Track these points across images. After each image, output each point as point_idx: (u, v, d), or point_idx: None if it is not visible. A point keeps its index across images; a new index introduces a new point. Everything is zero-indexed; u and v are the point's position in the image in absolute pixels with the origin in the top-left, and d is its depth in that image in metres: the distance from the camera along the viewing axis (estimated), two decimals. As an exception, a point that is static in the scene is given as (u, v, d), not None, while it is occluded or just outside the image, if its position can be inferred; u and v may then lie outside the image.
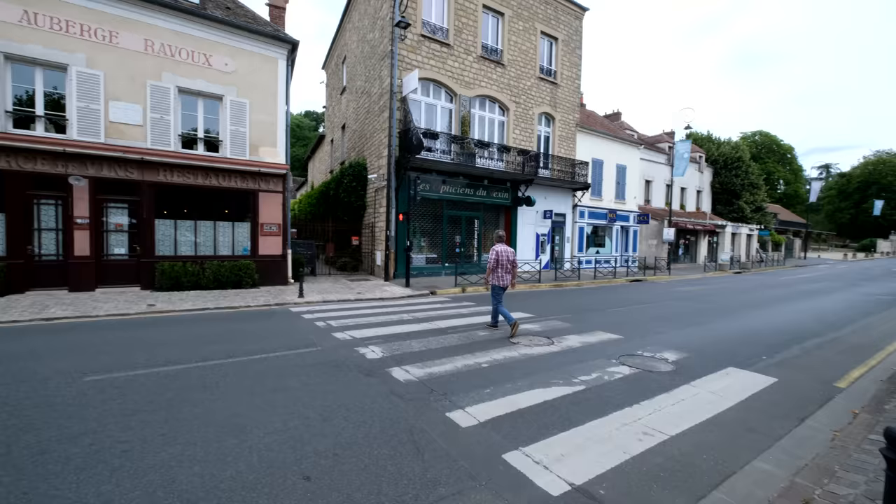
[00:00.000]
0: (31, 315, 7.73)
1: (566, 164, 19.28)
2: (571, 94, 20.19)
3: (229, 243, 12.36)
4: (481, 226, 17.65)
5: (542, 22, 18.66)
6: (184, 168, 11.29)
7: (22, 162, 9.59)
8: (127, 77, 10.61)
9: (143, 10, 10.70)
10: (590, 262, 21.57)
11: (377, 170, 15.75)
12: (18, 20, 9.49)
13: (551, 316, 9.04)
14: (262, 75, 12.43)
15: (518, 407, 4.14)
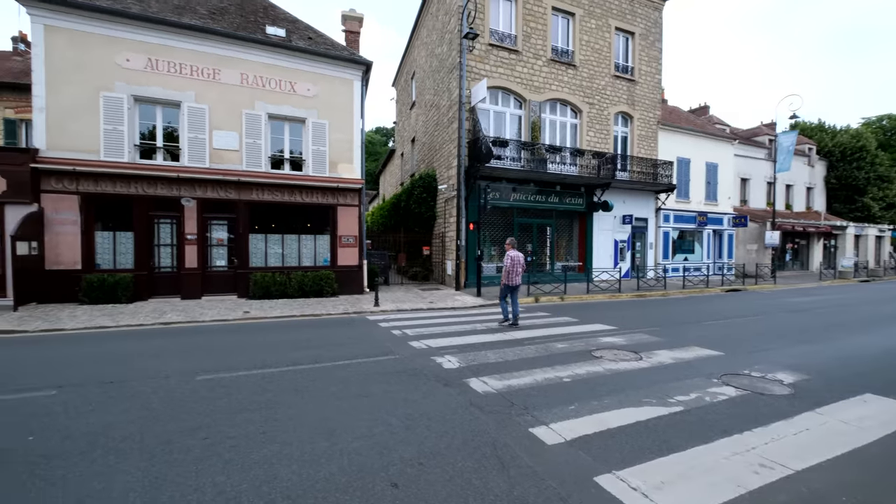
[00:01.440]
0: (153, 319, 8.86)
1: (647, 164, 18.07)
2: (651, 90, 18.96)
3: (311, 255, 13.24)
4: (554, 233, 17.10)
5: (617, 17, 17.81)
6: (272, 187, 12.36)
7: (146, 187, 11.14)
8: (226, 108, 11.91)
9: (240, 48, 11.99)
10: (677, 270, 19.89)
11: (447, 180, 15.98)
12: (144, 67, 11.11)
13: (636, 328, 8.41)
14: (339, 97, 13.26)
15: (608, 426, 3.86)
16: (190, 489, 2.87)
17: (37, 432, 3.67)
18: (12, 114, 14.22)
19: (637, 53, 18.48)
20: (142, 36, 11.02)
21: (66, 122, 10.41)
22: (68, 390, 4.71)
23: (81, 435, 3.64)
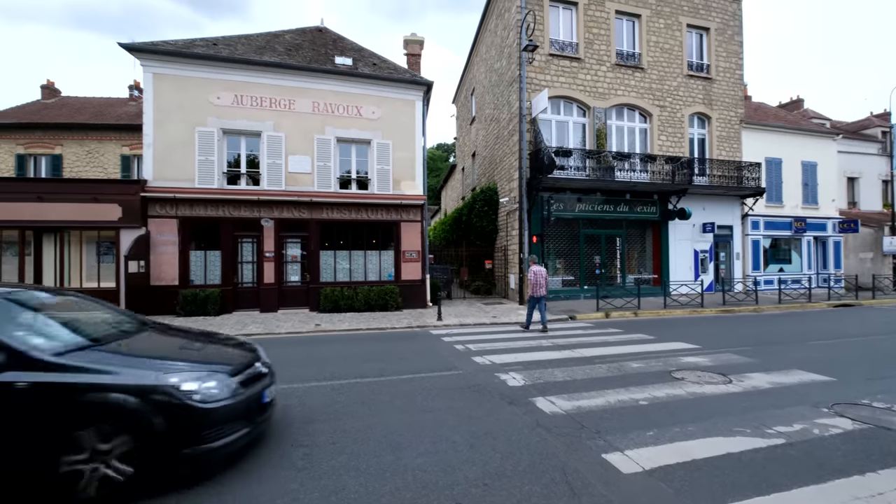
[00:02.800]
0: (236, 331, 9.63)
1: (729, 167, 16.56)
2: (731, 87, 17.46)
3: (376, 270, 13.70)
4: (624, 244, 16.15)
5: (689, 14, 16.75)
6: (340, 205, 13.06)
7: (231, 210, 12.29)
8: (300, 134, 12.86)
9: (312, 78, 12.96)
10: (770, 283, 17.80)
11: (508, 193, 15.83)
12: (231, 103, 12.39)
13: (723, 348, 7.59)
14: (402, 117, 13.77)
15: (692, 456, 3.46)
16: (266, 497, 2.99)
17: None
18: (127, 151, 16.52)
19: (713, 50, 17.18)
20: (230, 76, 12.33)
21: (168, 155, 11.87)
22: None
23: None
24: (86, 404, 2.81)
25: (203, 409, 3.05)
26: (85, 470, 2.77)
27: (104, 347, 3.30)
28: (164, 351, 3.68)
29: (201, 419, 3.04)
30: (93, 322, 3.79)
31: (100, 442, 2.81)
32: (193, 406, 3.02)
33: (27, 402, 2.76)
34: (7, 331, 2.98)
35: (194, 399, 3.04)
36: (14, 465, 2.76)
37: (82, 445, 2.78)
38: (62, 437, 2.76)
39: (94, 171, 16.34)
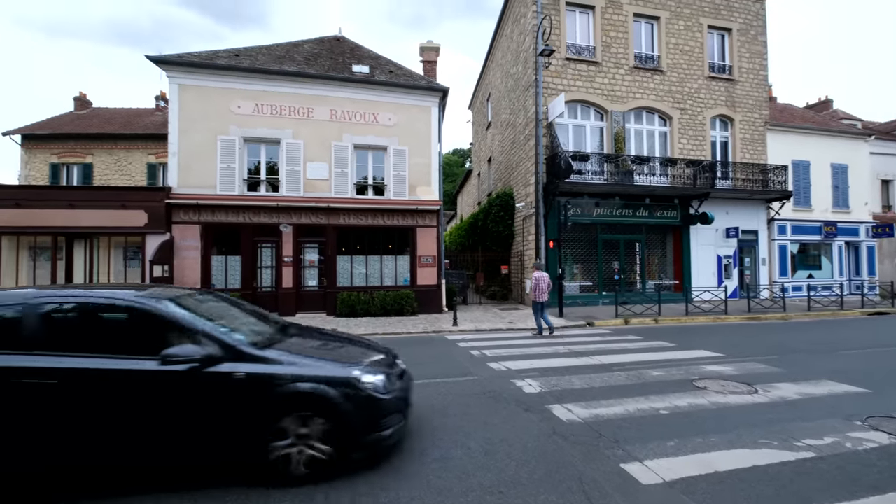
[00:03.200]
0: (257, 334, 9.77)
1: (754, 170, 16.09)
2: (754, 88, 17.02)
3: (392, 275, 13.75)
4: (643, 249, 15.83)
5: (710, 15, 16.44)
6: (357, 211, 13.19)
7: (251, 216, 12.55)
8: (318, 142, 13.07)
9: (330, 86, 13.17)
10: (799, 290, 17.17)
11: (524, 198, 15.72)
12: (251, 112, 12.69)
13: (748, 356, 7.33)
14: (418, 123, 13.86)
15: (715, 468, 3.34)
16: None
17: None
18: (153, 159, 17.10)
19: (735, 51, 16.80)
20: (251, 85, 12.65)
21: (192, 163, 12.21)
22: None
23: None
24: (290, 393, 3.15)
25: (380, 400, 3.38)
26: (292, 452, 3.14)
27: (283, 344, 3.63)
28: (326, 348, 3.96)
29: (379, 409, 3.37)
30: (254, 321, 4.09)
31: (301, 427, 3.17)
32: (374, 396, 3.36)
33: (244, 391, 3.11)
34: (214, 328, 3.33)
35: (372, 390, 3.37)
36: (233, 448, 3.09)
37: (288, 429, 3.15)
38: (272, 420, 3.12)
39: (122, 178, 16.95)
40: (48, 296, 3.22)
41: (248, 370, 3.13)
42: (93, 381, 2.97)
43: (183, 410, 3.04)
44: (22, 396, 2.88)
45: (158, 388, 3.02)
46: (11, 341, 2.99)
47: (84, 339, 3.15)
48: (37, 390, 2.89)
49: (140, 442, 3.02)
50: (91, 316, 3.28)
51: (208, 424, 3.07)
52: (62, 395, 2.91)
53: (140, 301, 3.27)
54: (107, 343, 3.15)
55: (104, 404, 2.97)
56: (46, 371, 2.91)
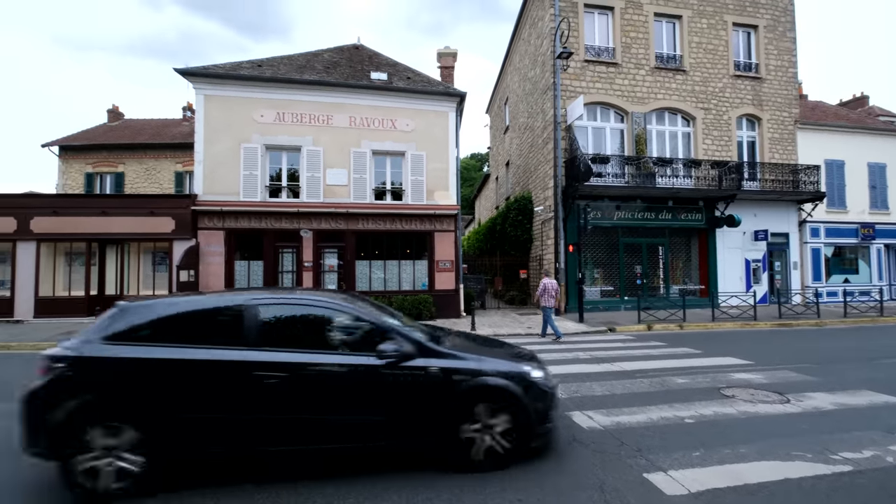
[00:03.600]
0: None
1: (783, 171, 15.52)
2: (783, 86, 16.45)
3: (410, 279, 13.79)
4: (667, 253, 15.42)
5: (734, 12, 16.02)
6: (376, 216, 13.30)
7: (273, 222, 12.81)
8: (337, 148, 13.27)
9: (349, 94, 13.38)
10: (834, 295, 16.40)
11: (543, 202, 15.57)
12: (273, 120, 12.99)
13: (779, 365, 7.02)
14: (435, 128, 13.91)
15: (744, 481, 3.18)
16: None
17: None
18: (180, 167, 17.71)
19: (762, 48, 16.30)
20: (272, 94, 12.96)
21: (216, 171, 12.56)
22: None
23: None
24: (477, 385, 3.45)
25: (548, 393, 3.67)
26: (475, 438, 3.41)
27: (447, 342, 3.88)
28: (483, 346, 4.18)
29: (549, 401, 3.66)
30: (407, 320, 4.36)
31: (487, 417, 3.44)
32: (544, 390, 3.65)
33: (439, 383, 3.41)
34: (403, 327, 3.71)
35: (542, 384, 3.65)
36: (429, 435, 3.39)
37: (474, 419, 3.42)
38: (461, 410, 3.41)
39: (151, 186, 17.61)
40: (261, 298, 3.54)
41: (441, 364, 3.45)
42: (316, 374, 3.31)
43: (389, 399, 3.35)
44: (256, 387, 3.18)
45: (371, 379, 3.34)
46: (235, 338, 3.31)
47: (295, 336, 3.54)
48: (269, 382, 3.19)
49: (354, 428, 3.32)
50: (300, 317, 3.64)
51: (410, 413, 3.37)
52: (290, 386, 3.22)
53: (340, 304, 3.68)
54: (316, 340, 3.54)
55: (326, 395, 3.30)
56: (278, 365, 3.23)
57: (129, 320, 3.28)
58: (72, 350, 3.11)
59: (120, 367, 3.10)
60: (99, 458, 2.95)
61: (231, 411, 3.16)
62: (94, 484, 2.93)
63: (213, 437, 3.16)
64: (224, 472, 3.38)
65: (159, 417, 3.06)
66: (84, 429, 2.95)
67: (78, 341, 3.17)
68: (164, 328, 3.29)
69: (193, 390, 3.15)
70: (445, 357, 3.52)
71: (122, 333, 3.21)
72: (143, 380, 3.11)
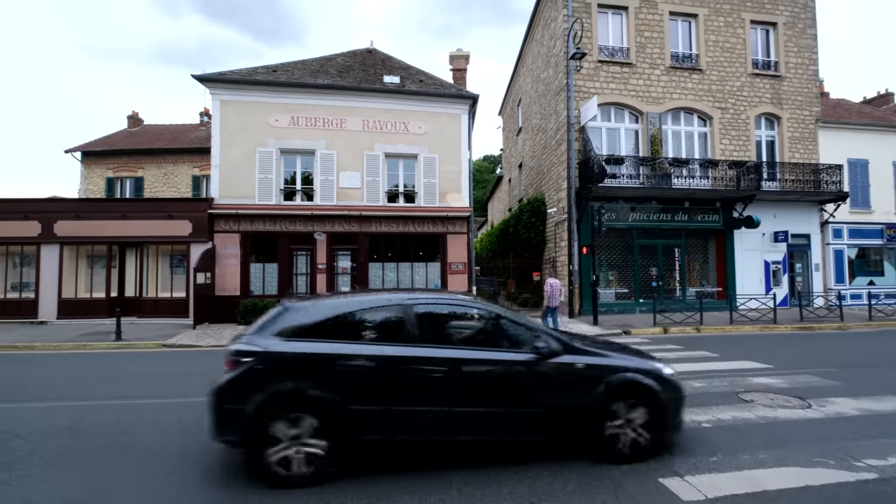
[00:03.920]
0: (291, 339, 10.03)
1: (804, 171, 15.14)
2: (803, 84, 16.06)
3: (423, 281, 13.82)
4: (683, 255, 15.16)
5: (752, 10, 15.72)
6: (388, 219, 13.39)
7: (287, 225, 12.99)
8: (350, 152, 13.40)
9: (362, 97, 13.52)
10: (858, 297, 15.91)
11: (556, 203, 15.46)
12: (288, 124, 13.19)
13: (800, 369, 6.83)
14: (448, 131, 13.96)
15: (763, 487, 3.11)
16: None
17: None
18: (197, 171, 18.09)
19: (781, 45, 15.95)
20: (287, 99, 13.17)
21: (232, 175, 12.81)
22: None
23: None
24: (619, 381, 3.61)
25: (680, 389, 3.83)
26: (618, 431, 3.56)
27: (580, 341, 3.98)
28: (612, 346, 4.36)
29: (681, 397, 3.81)
30: None
31: (627, 411, 3.59)
32: (677, 386, 3.81)
33: (585, 378, 3.62)
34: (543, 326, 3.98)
35: (674, 380, 3.81)
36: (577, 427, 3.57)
37: (617, 412, 3.57)
38: (606, 404, 3.56)
39: (169, 190, 18.02)
40: (417, 298, 3.81)
41: (586, 361, 3.66)
42: (474, 369, 3.50)
43: (541, 393, 3.54)
44: (421, 380, 3.41)
45: (524, 374, 3.54)
46: (396, 335, 3.54)
47: (449, 334, 3.82)
48: (433, 376, 3.42)
49: (510, 420, 3.51)
50: (452, 315, 3.97)
51: (559, 406, 3.55)
52: (452, 380, 3.43)
53: (485, 305, 4.01)
54: (468, 338, 3.82)
55: (484, 388, 3.51)
56: (440, 360, 3.44)
57: (296, 318, 3.52)
58: (256, 346, 3.35)
59: (301, 361, 3.35)
60: (285, 446, 3.17)
61: (401, 403, 3.36)
62: (281, 470, 3.15)
63: (384, 427, 3.34)
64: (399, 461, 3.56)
65: (336, 408, 3.25)
66: (272, 419, 3.17)
67: (256, 338, 3.41)
68: (329, 325, 3.51)
69: (365, 383, 3.36)
70: (588, 354, 3.71)
71: (293, 330, 3.45)
72: (321, 373, 3.33)
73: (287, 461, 3.16)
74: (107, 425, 4.51)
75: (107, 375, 6.90)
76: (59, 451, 3.86)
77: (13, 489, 3.18)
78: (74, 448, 3.94)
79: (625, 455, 3.53)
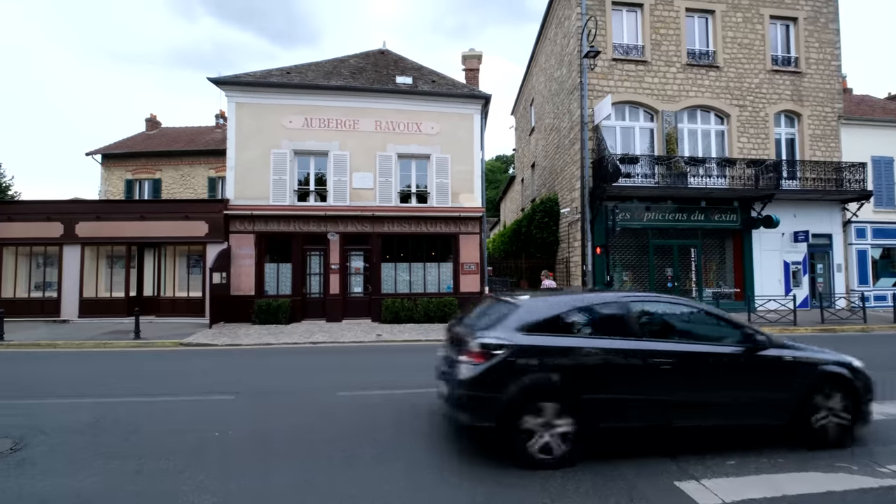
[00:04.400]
0: (304, 339, 10.17)
1: (826, 169, 14.74)
2: (825, 80, 15.65)
3: (435, 282, 13.83)
4: (699, 255, 14.89)
5: (771, 5, 15.37)
6: (401, 219, 13.44)
7: (301, 225, 13.12)
8: (363, 152, 13.49)
9: (374, 99, 13.60)
10: (883, 299, 15.43)
11: (569, 203, 15.33)
12: (301, 126, 13.33)
13: (823, 371, 6.63)
14: (460, 131, 13.95)
15: (783, 492, 3.04)
16: (329, 498, 3.05)
17: (221, 430, 4.40)
18: (213, 173, 18.41)
19: (802, 41, 15.56)
20: (301, 100, 13.32)
21: (247, 176, 13.00)
22: (242, 397, 5.60)
23: (250, 437, 4.22)
24: (822, 372, 3.95)
25: (870, 379, 4.08)
26: (821, 418, 3.85)
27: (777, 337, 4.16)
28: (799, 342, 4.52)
29: (871, 386, 4.06)
30: None
31: (828, 400, 3.88)
32: (867, 375, 4.07)
33: (792, 370, 3.92)
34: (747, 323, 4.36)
35: (864, 371, 4.07)
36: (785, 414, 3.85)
37: (818, 402, 3.87)
38: (811, 393, 3.87)
39: (186, 191, 18.37)
40: (632, 297, 4.17)
41: (792, 354, 3.94)
42: (697, 361, 3.81)
43: (757, 383, 3.86)
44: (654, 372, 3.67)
45: (740, 365, 3.85)
46: (622, 330, 3.81)
47: (668, 329, 4.10)
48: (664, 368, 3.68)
49: (732, 407, 3.81)
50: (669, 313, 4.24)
51: (772, 395, 3.87)
52: (680, 371, 3.71)
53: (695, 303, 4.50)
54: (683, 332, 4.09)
55: (707, 378, 3.80)
56: (668, 353, 3.74)
57: (529, 315, 3.79)
58: (506, 339, 3.60)
59: (546, 353, 3.60)
60: (536, 431, 3.45)
61: (637, 392, 3.64)
62: (534, 452, 3.43)
63: (623, 414, 3.66)
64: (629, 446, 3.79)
65: (578, 396, 3.53)
66: (525, 406, 3.47)
67: (502, 332, 3.65)
68: (558, 321, 3.80)
69: (604, 373, 3.63)
70: (790, 348, 3.97)
71: (529, 326, 3.70)
72: (564, 364, 3.59)
73: (537, 444, 3.43)
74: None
75: (127, 373, 7.07)
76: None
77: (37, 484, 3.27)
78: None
79: (829, 441, 3.81)
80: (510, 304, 3.97)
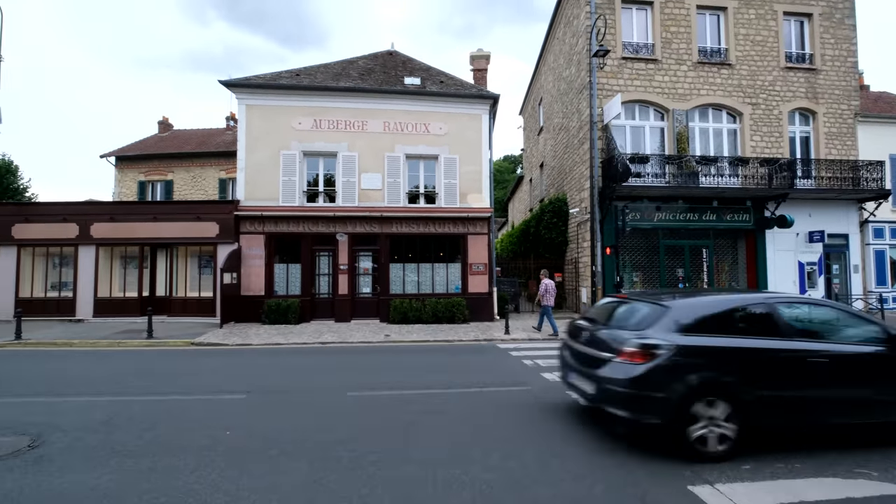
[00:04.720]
0: (313, 339, 10.22)
1: (842, 167, 14.45)
2: (841, 77, 15.34)
3: (443, 282, 13.82)
4: (711, 256, 14.69)
5: (785, 1, 15.09)
6: (409, 220, 13.45)
7: (310, 226, 13.20)
8: (371, 153, 13.53)
9: (383, 99, 13.63)
10: (899, 300, 15.11)
11: (578, 203, 15.22)
12: (311, 127, 13.41)
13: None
14: (468, 131, 13.92)
15: (800, 498, 2.99)
16: (338, 497, 3.05)
17: (232, 429, 4.44)
18: (224, 174, 18.60)
19: (817, 37, 15.28)
20: (310, 102, 13.40)
21: (257, 177, 13.11)
22: (253, 396, 5.64)
23: (260, 436, 4.23)
24: None
25: None
26: None
27: None
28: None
29: None
30: None
31: None
32: None
33: None
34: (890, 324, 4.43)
35: None
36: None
37: None
38: None
39: (197, 193, 18.58)
40: (777, 297, 4.31)
41: None
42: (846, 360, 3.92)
43: None
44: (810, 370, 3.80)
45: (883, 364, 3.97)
46: (771, 330, 3.93)
47: (812, 329, 4.22)
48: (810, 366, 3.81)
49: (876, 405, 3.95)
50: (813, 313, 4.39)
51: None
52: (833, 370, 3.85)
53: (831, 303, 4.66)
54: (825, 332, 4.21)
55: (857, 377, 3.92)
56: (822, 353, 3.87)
57: (682, 316, 3.93)
58: (667, 340, 3.75)
59: (706, 352, 3.76)
60: (703, 426, 3.60)
61: (788, 389, 3.75)
62: (699, 446, 3.58)
63: (784, 410, 3.79)
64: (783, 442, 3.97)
65: (739, 393, 3.66)
66: (692, 402, 3.61)
67: (660, 333, 3.80)
68: (710, 321, 3.92)
69: (768, 372, 3.76)
70: None
71: (688, 326, 3.84)
72: (724, 363, 3.75)
73: (703, 439, 3.58)
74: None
75: (140, 372, 7.16)
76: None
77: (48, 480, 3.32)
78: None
79: None
80: (658, 305, 4.08)
